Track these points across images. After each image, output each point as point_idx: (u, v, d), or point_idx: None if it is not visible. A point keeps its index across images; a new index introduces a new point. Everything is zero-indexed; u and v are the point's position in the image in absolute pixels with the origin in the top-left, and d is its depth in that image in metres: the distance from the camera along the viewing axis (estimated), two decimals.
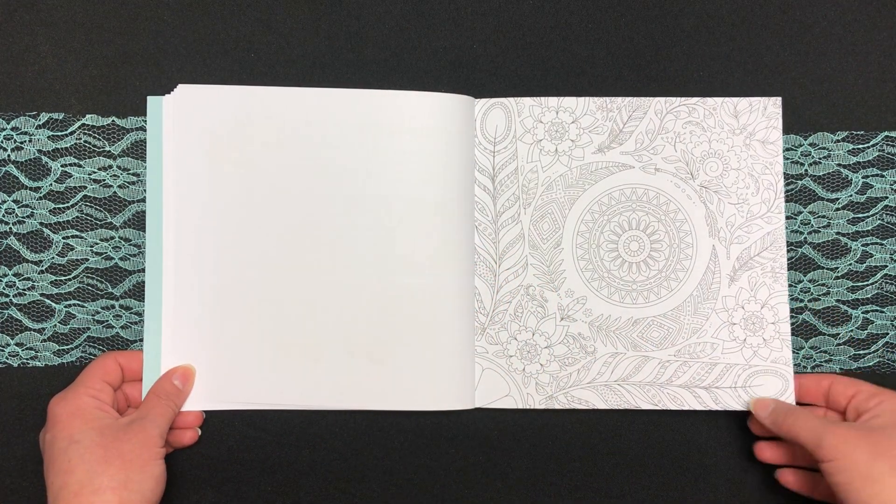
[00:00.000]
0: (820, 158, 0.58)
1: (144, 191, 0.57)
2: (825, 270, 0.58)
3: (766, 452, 0.55)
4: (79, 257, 0.57)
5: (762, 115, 0.57)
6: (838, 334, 0.58)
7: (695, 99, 0.57)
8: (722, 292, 0.56)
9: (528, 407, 0.57)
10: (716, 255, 0.56)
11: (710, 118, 0.57)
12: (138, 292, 0.57)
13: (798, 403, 0.55)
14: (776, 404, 0.53)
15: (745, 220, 0.56)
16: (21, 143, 0.57)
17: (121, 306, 0.57)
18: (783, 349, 0.55)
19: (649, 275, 0.57)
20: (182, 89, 0.56)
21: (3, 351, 0.57)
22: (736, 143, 0.56)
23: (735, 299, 0.56)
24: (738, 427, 0.57)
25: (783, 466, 0.55)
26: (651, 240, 0.57)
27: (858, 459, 0.46)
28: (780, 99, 0.57)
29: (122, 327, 0.57)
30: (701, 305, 0.56)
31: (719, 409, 0.56)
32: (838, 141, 0.58)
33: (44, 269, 0.57)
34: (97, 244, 0.57)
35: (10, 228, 0.57)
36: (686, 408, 0.56)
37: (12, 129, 0.57)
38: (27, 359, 0.57)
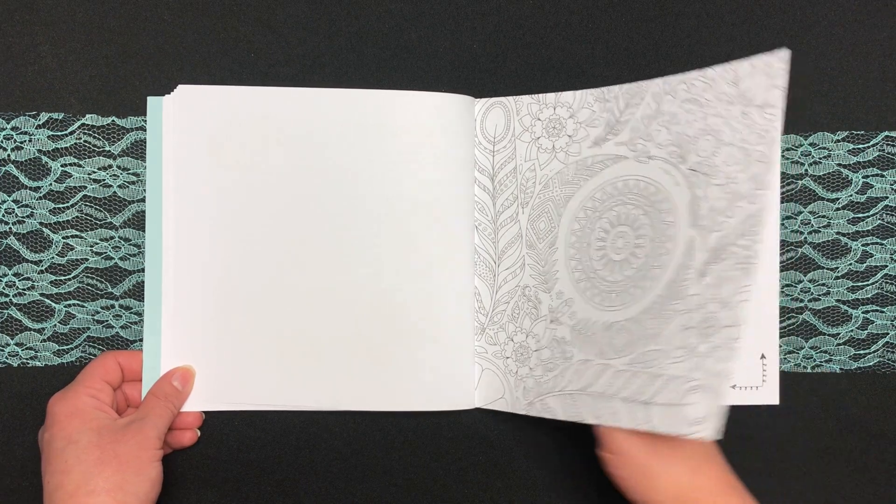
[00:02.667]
0: (820, 158, 0.58)
1: (144, 191, 0.57)
2: (825, 270, 0.58)
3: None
4: (79, 257, 0.57)
5: (765, 75, 0.50)
6: (838, 334, 0.58)
7: (694, 73, 0.52)
8: (690, 290, 0.49)
9: (515, 412, 0.56)
10: (692, 248, 0.50)
11: (708, 91, 0.52)
12: (138, 292, 0.57)
13: None
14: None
15: (729, 203, 0.49)
16: (21, 142, 0.57)
17: (121, 306, 0.57)
18: (727, 361, 0.46)
19: (627, 274, 0.53)
20: (182, 90, 0.56)
21: (2, 351, 0.57)
22: (732, 114, 0.51)
23: (700, 297, 0.49)
24: (736, 427, 0.57)
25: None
26: (636, 235, 0.53)
27: (637, 455, 0.49)
28: (787, 53, 0.49)
29: (121, 327, 0.57)
30: (666, 307, 0.50)
31: (649, 429, 0.48)
32: (838, 141, 0.58)
33: (44, 268, 0.57)
34: (97, 244, 0.57)
35: (10, 228, 0.57)
36: (622, 425, 0.49)
37: (12, 128, 0.57)
38: (27, 359, 0.57)
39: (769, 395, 0.57)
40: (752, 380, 0.57)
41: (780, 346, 0.58)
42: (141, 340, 0.57)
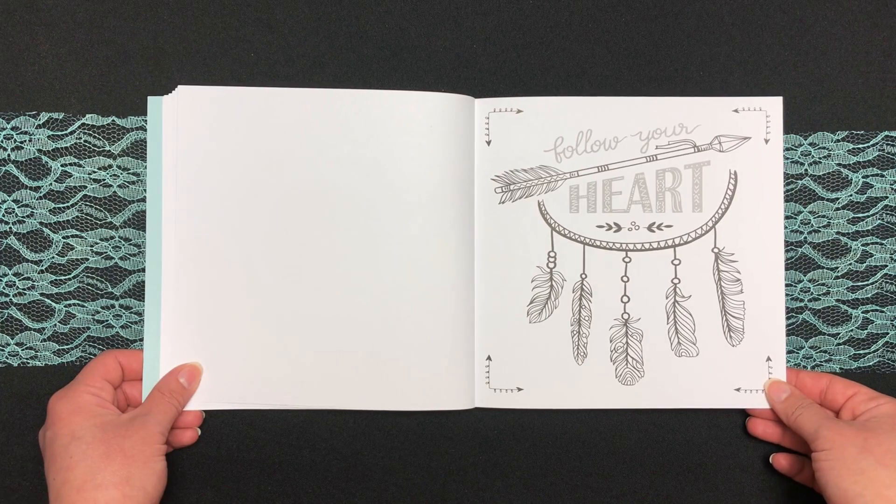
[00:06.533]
0: (820, 158, 0.58)
1: (144, 191, 0.57)
2: (825, 270, 0.58)
3: (759, 428, 0.57)
4: (79, 257, 0.57)
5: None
6: (838, 334, 0.58)
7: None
8: None
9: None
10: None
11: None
12: (138, 292, 0.57)
13: None
14: (791, 392, 0.55)
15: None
16: (21, 142, 0.57)
17: (121, 306, 0.57)
18: None
19: None
20: (182, 90, 0.56)
21: (3, 351, 0.57)
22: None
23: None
24: (738, 427, 0.57)
25: (776, 448, 0.57)
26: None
27: (848, 453, 0.49)
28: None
29: (122, 327, 0.57)
30: None
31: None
32: (838, 141, 0.58)
33: (44, 268, 0.57)
34: (97, 244, 0.57)
35: (10, 228, 0.57)
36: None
37: (12, 128, 0.57)
38: (27, 358, 0.57)
39: None
40: (756, 383, 0.57)
41: None
42: (141, 340, 0.57)
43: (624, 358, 0.57)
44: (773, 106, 0.57)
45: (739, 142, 0.57)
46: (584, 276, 0.57)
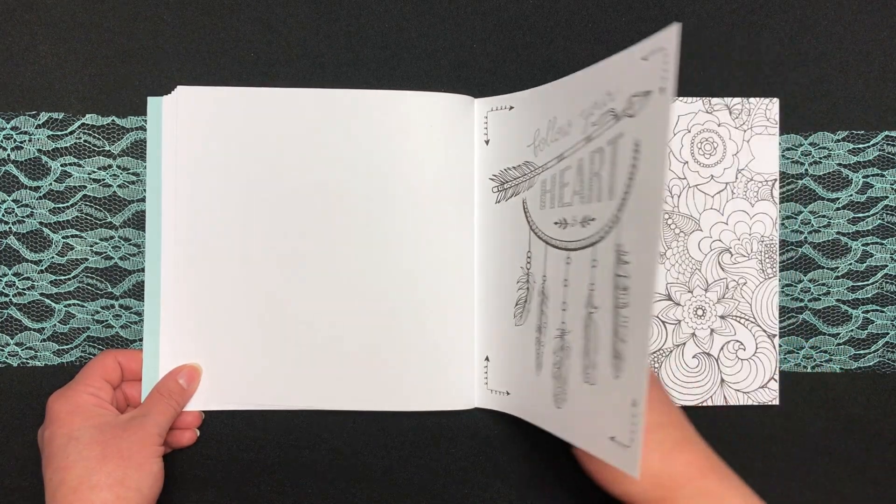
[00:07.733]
0: (820, 158, 0.58)
1: (144, 191, 0.57)
2: (825, 270, 0.58)
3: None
4: (78, 257, 0.57)
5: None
6: (838, 334, 0.58)
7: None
8: None
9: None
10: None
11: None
12: (138, 292, 0.57)
13: None
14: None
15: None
16: (21, 142, 0.57)
17: (120, 306, 0.57)
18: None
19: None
20: (182, 90, 0.56)
21: (2, 350, 0.57)
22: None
23: None
24: (737, 427, 0.57)
25: None
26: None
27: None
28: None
29: (121, 327, 0.57)
30: None
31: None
32: (838, 141, 0.58)
33: (43, 268, 0.57)
34: (97, 244, 0.57)
35: (10, 228, 0.57)
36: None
37: (12, 128, 0.57)
38: (27, 358, 0.57)
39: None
40: (624, 434, 0.42)
41: (780, 346, 0.58)
42: (141, 340, 0.57)
43: (558, 376, 0.49)
44: (669, 40, 0.40)
45: (642, 99, 0.42)
46: (544, 278, 0.51)
